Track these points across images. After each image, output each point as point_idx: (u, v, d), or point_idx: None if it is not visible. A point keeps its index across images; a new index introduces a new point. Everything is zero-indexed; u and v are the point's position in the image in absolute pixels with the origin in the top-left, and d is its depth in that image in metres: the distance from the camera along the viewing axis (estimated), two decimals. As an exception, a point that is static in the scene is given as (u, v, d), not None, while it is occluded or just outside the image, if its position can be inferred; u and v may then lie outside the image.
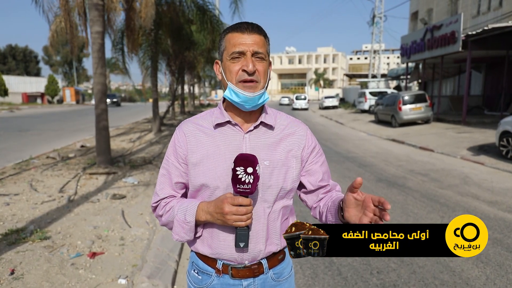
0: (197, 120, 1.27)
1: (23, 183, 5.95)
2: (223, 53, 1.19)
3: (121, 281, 2.96)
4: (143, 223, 4.28)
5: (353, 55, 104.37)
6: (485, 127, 12.83)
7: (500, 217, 4.58)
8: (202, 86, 46.06)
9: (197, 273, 1.28)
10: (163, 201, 1.26)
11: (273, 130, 1.25)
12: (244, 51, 1.14)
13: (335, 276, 3.18)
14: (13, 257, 3.28)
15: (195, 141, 1.21)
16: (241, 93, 1.14)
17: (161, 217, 1.26)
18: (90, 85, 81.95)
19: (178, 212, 1.19)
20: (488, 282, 3.03)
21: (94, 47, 7.08)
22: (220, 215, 1.10)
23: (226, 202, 1.08)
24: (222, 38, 1.20)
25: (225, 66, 1.18)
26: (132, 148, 10.19)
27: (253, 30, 1.15)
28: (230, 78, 1.16)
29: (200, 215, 1.16)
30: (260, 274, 1.24)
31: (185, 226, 1.18)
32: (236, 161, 1.07)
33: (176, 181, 1.25)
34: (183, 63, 17.72)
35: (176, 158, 1.24)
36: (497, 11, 16.98)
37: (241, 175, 1.06)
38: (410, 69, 21.75)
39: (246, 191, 1.07)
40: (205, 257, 1.25)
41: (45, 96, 50.77)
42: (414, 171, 7.43)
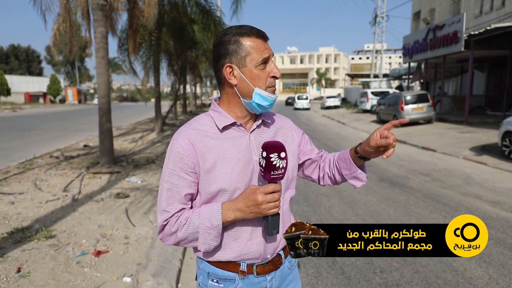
0: (197, 126, 1.22)
1: (28, 182, 5.99)
2: (245, 58, 1.16)
3: (126, 280, 2.99)
4: (147, 222, 4.31)
5: (355, 55, 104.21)
6: (488, 127, 12.81)
7: (502, 217, 4.58)
8: (204, 86, 46.09)
9: (217, 282, 1.25)
10: (174, 216, 1.17)
11: (269, 127, 1.31)
12: (269, 56, 1.19)
13: (338, 275, 3.20)
14: (19, 255, 3.31)
15: (204, 148, 1.17)
16: (270, 97, 1.20)
17: (176, 233, 1.17)
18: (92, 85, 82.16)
19: (202, 220, 1.14)
20: (491, 282, 3.05)
21: (98, 47, 7.11)
22: (254, 207, 1.10)
23: (258, 192, 1.09)
24: (237, 42, 1.16)
25: (250, 72, 1.17)
26: (134, 147, 10.23)
27: (265, 35, 1.21)
28: (259, 84, 1.18)
29: (227, 216, 1.14)
30: (280, 265, 1.29)
31: (213, 232, 1.14)
32: (267, 149, 1.09)
33: (186, 192, 1.18)
34: (185, 62, 17.74)
35: (182, 169, 1.17)
36: (500, 10, 16.94)
37: (276, 161, 1.08)
38: (412, 69, 21.72)
39: (279, 176, 1.11)
40: (225, 264, 1.23)
41: (47, 95, 50.96)
42: (416, 171, 7.43)
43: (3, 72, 45.37)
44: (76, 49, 9.33)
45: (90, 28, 8.43)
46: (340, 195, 5.64)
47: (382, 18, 33.89)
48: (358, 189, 5.96)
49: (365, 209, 4.95)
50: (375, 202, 5.27)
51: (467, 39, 13.72)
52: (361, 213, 4.79)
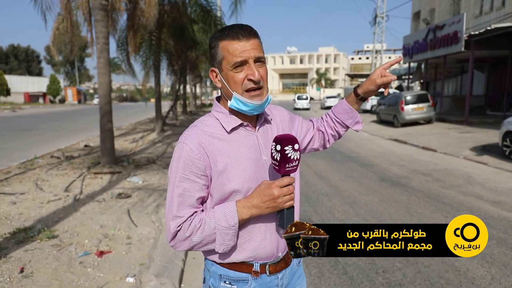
0: (203, 129, 1.19)
1: (29, 182, 5.99)
2: (222, 62, 1.15)
3: (129, 280, 2.99)
4: (149, 222, 4.31)
5: (355, 55, 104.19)
6: (488, 127, 12.82)
7: (504, 216, 4.59)
8: (204, 86, 46.07)
9: (229, 284, 1.24)
10: (187, 220, 1.14)
11: (271, 123, 1.32)
12: (246, 59, 1.12)
13: (341, 275, 3.20)
14: (22, 255, 3.31)
15: (214, 150, 1.16)
16: (250, 102, 1.14)
17: (190, 237, 1.14)
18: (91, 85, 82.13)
19: (218, 221, 1.12)
20: (493, 282, 3.05)
21: (99, 47, 7.12)
22: (270, 202, 1.10)
23: (274, 186, 1.10)
24: (216, 46, 1.16)
25: (227, 76, 1.15)
26: (135, 148, 10.23)
27: (249, 35, 1.12)
28: (235, 88, 1.14)
29: (243, 213, 1.13)
30: (290, 262, 1.30)
31: (230, 232, 1.13)
32: (282, 142, 1.09)
33: (198, 196, 1.16)
34: (186, 62, 17.75)
35: (193, 173, 1.14)
36: (500, 11, 16.95)
37: (290, 153, 1.09)
38: (412, 69, 21.72)
39: (293, 168, 1.12)
40: (238, 265, 1.22)
41: (47, 95, 50.93)
42: (417, 171, 7.44)
43: (3, 72, 45.35)
44: (77, 49, 9.32)
45: (92, 28, 8.43)
46: (341, 195, 5.65)
47: (382, 18, 33.92)
48: (359, 190, 5.96)
49: (367, 209, 4.96)
50: (376, 202, 5.27)
51: (467, 39, 13.73)
52: (363, 213, 4.80)
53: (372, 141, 12.50)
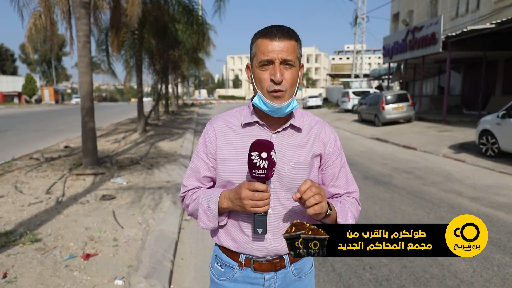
0: (226, 117, 1.30)
1: (7, 185, 5.80)
2: (253, 59, 1.18)
3: (118, 282, 2.94)
4: (135, 224, 4.25)
5: (336, 55, 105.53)
6: (465, 126, 13.24)
7: (482, 212, 4.76)
8: (186, 85, 45.63)
9: (220, 266, 1.32)
10: (191, 191, 1.31)
11: (301, 132, 1.27)
12: (272, 59, 1.12)
13: (329, 272, 3.25)
14: (4, 260, 3.21)
15: (223, 138, 1.25)
16: (269, 103, 1.15)
17: (188, 207, 1.31)
18: (69, 85, 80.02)
19: (202, 200, 1.23)
20: (475, 275, 3.17)
21: (80, 46, 6.95)
22: (238, 201, 1.13)
23: (244, 187, 1.11)
24: (253, 42, 1.19)
25: (254, 73, 1.18)
26: (118, 148, 10.05)
27: (283, 36, 1.13)
28: (260, 86, 1.16)
29: (222, 202, 1.19)
30: (281, 268, 1.27)
31: (209, 214, 1.21)
32: (251, 146, 1.08)
33: (204, 175, 1.29)
34: (168, 62, 17.56)
35: (205, 153, 1.28)
36: (475, 13, 17.53)
37: (256, 159, 1.07)
38: (392, 69, 22.20)
39: (261, 176, 1.08)
40: (229, 251, 1.29)
41: (23, 95, 49.32)
42: (399, 169, 7.62)
43: (-25, 71, 43.64)
44: (56, 47, 9.07)
45: (72, 26, 8.22)
46: (327, 194, 5.72)
47: (363, 19, 34.48)
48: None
49: (352, 207, 5.03)
50: (361, 200, 5.34)
51: (444, 41, 14.13)
52: (348, 211, 4.87)
53: (354, 140, 12.70)
